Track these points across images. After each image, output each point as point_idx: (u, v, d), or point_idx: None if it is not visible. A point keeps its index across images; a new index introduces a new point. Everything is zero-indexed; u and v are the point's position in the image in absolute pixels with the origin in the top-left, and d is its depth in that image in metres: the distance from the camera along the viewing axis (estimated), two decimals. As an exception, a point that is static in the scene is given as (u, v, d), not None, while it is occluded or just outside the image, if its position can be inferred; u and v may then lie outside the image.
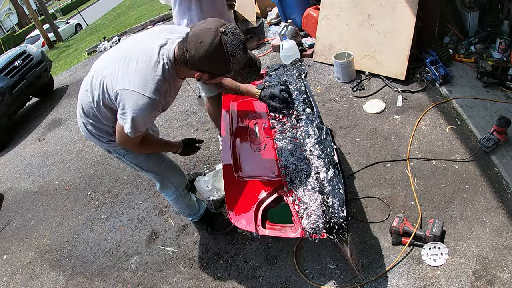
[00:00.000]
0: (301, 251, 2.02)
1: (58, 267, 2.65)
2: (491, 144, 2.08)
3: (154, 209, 2.75)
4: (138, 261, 2.41)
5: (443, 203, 1.98)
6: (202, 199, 2.32)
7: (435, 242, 1.77)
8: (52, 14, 19.75)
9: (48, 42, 13.31)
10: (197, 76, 1.38)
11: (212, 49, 1.26)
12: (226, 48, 1.27)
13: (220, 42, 1.26)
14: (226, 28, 1.27)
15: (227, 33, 1.27)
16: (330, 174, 1.57)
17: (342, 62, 3.08)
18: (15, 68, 5.40)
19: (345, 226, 1.44)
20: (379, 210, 2.07)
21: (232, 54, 1.29)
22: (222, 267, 2.14)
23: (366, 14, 3.08)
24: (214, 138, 3.22)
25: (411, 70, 2.90)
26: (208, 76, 1.39)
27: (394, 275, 1.75)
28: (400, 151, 2.36)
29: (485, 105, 2.42)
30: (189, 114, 3.73)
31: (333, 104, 3.01)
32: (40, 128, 5.21)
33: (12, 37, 19.96)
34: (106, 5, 19.56)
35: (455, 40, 2.96)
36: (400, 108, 2.70)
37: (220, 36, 1.26)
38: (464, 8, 2.92)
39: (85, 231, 2.86)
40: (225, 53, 1.28)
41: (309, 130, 1.79)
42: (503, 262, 1.64)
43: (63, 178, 3.67)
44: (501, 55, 2.64)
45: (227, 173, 1.85)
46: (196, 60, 1.31)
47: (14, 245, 3.06)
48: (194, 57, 1.30)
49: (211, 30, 1.27)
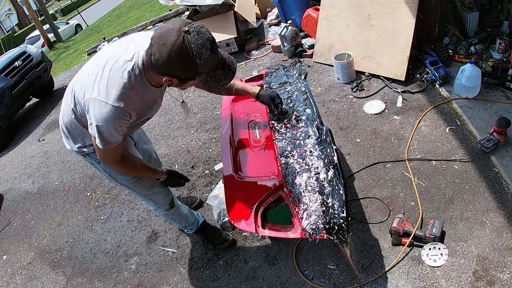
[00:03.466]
0: (301, 252, 2.02)
1: (58, 267, 2.65)
2: (491, 144, 2.09)
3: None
4: (138, 261, 2.41)
5: (443, 203, 1.98)
6: (216, 219, 2.27)
7: (435, 242, 1.77)
8: (52, 15, 19.78)
9: (48, 43, 13.32)
10: (166, 81, 1.27)
11: (175, 50, 1.16)
12: (191, 48, 1.16)
13: (183, 42, 1.15)
14: (190, 27, 1.16)
15: (191, 32, 1.16)
16: (330, 175, 1.57)
17: (342, 62, 3.08)
18: (15, 69, 5.40)
19: (345, 226, 1.44)
20: (379, 211, 2.07)
21: (197, 55, 1.17)
22: (222, 267, 2.13)
23: (366, 15, 3.08)
24: (214, 138, 3.22)
25: (411, 70, 2.90)
26: (178, 81, 1.28)
27: (394, 276, 1.75)
28: (400, 152, 2.36)
29: (485, 105, 2.42)
30: (189, 115, 3.73)
31: (333, 105, 3.01)
32: (40, 128, 5.21)
33: (12, 38, 19.96)
34: (106, 6, 19.58)
35: (455, 40, 2.96)
36: (400, 109, 2.70)
37: (183, 36, 1.15)
38: (464, 8, 2.92)
39: (85, 231, 2.86)
40: (189, 54, 1.17)
41: (309, 131, 1.79)
42: (503, 262, 1.64)
43: (63, 179, 3.67)
44: (501, 56, 2.64)
45: (227, 173, 1.85)
46: (161, 64, 1.21)
47: (14, 245, 3.06)
48: (159, 61, 1.20)
49: (174, 30, 1.16)
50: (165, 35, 1.17)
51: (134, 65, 1.32)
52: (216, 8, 4.38)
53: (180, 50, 1.16)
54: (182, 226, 2.17)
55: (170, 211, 2.00)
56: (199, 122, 3.54)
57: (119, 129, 1.36)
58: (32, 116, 5.85)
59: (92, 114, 1.32)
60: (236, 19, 4.34)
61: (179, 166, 3.05)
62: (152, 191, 1.88)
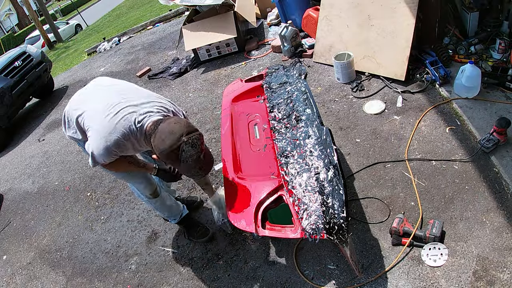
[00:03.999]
0: (301, 252, 2.02)
1: (58, 267, 2.65)
2: (491, 144, 2.09)
3: (154, 210, 2.74)
4: (138, 261, 2.41)
5: (443, 203, 1.98)
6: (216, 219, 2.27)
7: (435, 242, 1.77)
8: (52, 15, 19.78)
9: (48, 43, 13.32)
10: (155, 157, 1.60)
11: (168, 150, 1.46)
12: (181, 155, 1.47)
13: (177, 149, 1.46)
14: (188, 138, 1.46)
15: (187, 143, 1.46)
16: (330, 175, 1.57)
17: (342, 62, 3.08)
18: (15, 69, 5.40)
19: (345, 226, 1.44)
20: (379, 211, 2.07)
21: (183, 161, 1.49)
22: (222, 267, 2.13)
23: (366, 15, 3.08)
24: (214, 138, 3.22)
25: (411, 70, 2.90)
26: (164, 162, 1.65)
27: (394, 276, 1.75)
28: (400, 152, 2.36)
29: (485, 105, 2.42)
30: (189, 115, 3.73)
31: (333, 105, 3.01)
32: (40, 128, 5.21)
33: (12, 38, 19.95)
34: (106, 6, 19.58)
35: (455, 40, 2.96)
36: (400, 109, 2.70)
37: (180, 144, 1.45)
38: (464, 8, 2.92)
39: (85, 231, 2.86)
40: (178, 158, 1.48)
41: (309, 131, 1.79)
42: (503, 262, 1.64)
43: (63, 179, 3.67)
44: (500, 56, 2.65)
45: (227, 174, 1.85)
46: (155, 149, 1.53)
47: (14, 245, 3.06)
48: (155, 148, 1.52)
49: (175, 135, 1.46)
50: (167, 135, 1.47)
51: (141, 124, 1.59)
52: (216, 8, 4.38)
53: (172, 153, 1.47)
54: (165, 216, 2.34)
55: (152, 200, 2.17)
56: (199, 122, 3.54)
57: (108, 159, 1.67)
58: (32, 116, 5.85)
59: (90, 142, 1.63)
60: (236, 19, 4.34)
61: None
62: (133, 180, 2.08)
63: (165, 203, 2.23)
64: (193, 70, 4.72)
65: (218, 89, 4.00)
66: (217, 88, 4.03)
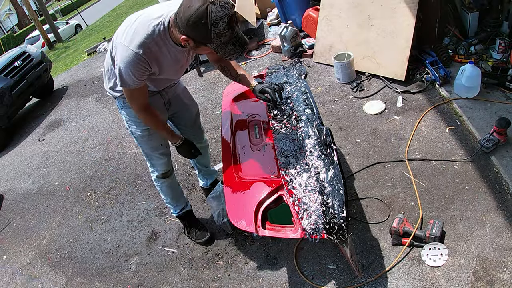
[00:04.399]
0: (301, 252, 2.03)
1: (58, 267, 2.65)
2: (491, 144, 2.09)
3: (154, 210, 2.75)
4: (138, 261, 2.41)
5: (443, 203, 1.98)
6: (216, 219, 2.27)
7: (435, 242, 1.77)
8: (52, 15, 19.79)
9: (48, 43, 13.32)
10: (183, 40, 1.39)
11: (196, 14, 1.29)
12: (210, 17, 1.29)
13: (205, 10, 1.28)
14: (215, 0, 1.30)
15: (215, 4, 1.29)
16: (330, 175, 1.57)
17: (342, 62, 3.08)
18: (15, 69, 5.39)
19: (345, 226, 1.44)
20: (379, 211, 2.07)
21: (214, 24, 1.30)
22: (222, 267, 2.13)
23: (366, 15, 3.09)
24: (214, 138, 3.22)
25: (411, 71, 2.90)
26: (193, 43, 1.40)
27: (394, 276, 1.75)
28: (400, 152, 2.36)
29: (485, 105, 2.42)
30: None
31: (333, 105, 3.01)
32: (40, 128, 5.21)
33: (12, 38, 19.96)
34: (106, 6, 19.59)
35: (455, 40, 2.96)
36: (400, 109, 2.70)
37: (208, 5, 1.28)
38: (464, 8, 2.92)
39: (85, 231, 2.86)
40: (207, 22, 1.30)
41: (309, 131, 1.79)
42: (503, 262, 1.64)
43: (63, 179, 3.67)
44: (500, 56, 2.65)
45: (227, 174, 1.85)
46: (182, 23, 1.34)
47: (14, 245, 3.06)
48: (181, 20, 1.34)
49: None
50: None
51: (160, 22, 1.47)
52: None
53: (200, 16, 1.29)
54: (168, 201, 2.30)
55: (161, 180, 2.15)
56: (199, 122, 3.53)
57: (136, 73, 1.50)
58: (32, 116, 5.85)
59: (117, 56, 1.51)
60: (236, 19, 4.33)
61: (179, 166, 3.05)
62: (154, 153, 2.03)
63: (172, 186, 2.22)
64: (193, 70, 4.72)
65: (218, 89, 4.00)
66: (217, 88, 4.04)
